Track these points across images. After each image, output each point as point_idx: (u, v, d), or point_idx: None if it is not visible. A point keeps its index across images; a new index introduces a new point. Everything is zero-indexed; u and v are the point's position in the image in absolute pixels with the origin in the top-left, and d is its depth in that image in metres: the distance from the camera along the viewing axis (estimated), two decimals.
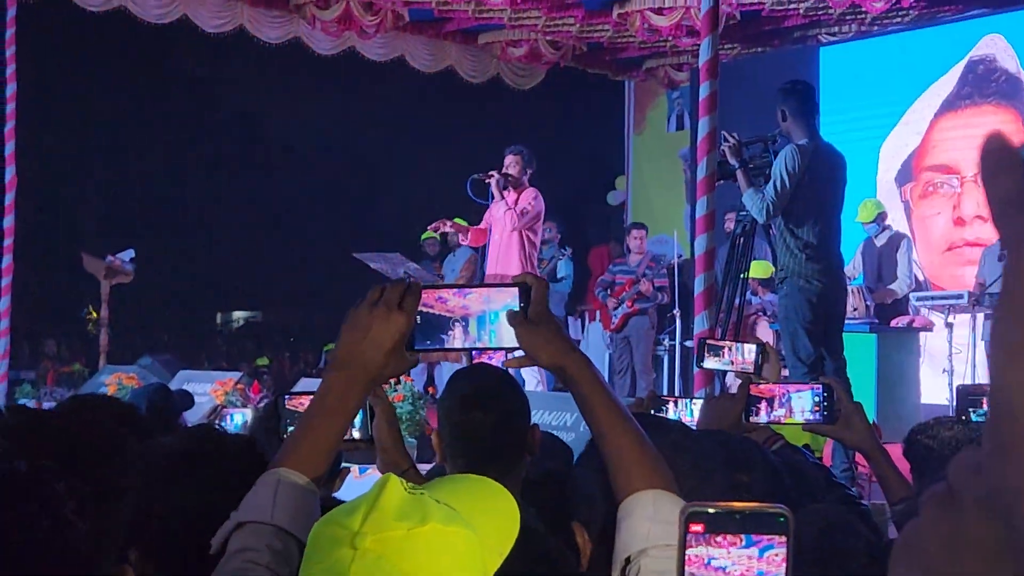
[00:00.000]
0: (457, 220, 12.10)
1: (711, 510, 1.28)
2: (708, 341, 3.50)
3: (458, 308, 1.84)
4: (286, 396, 2.85)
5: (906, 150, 12.57)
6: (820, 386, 2.83)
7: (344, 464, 3.42)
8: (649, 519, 1.65)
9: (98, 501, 1.53)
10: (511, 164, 9.63)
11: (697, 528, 1.26)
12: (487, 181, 9.57)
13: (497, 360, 8.62)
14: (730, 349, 3.41)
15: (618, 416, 1.77)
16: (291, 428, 2.85)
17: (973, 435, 3.55)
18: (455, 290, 1.86)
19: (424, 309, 1.81)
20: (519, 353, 1.85)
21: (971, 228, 11.87)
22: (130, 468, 1.90)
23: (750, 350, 3.35)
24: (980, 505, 0.67)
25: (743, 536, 1.26)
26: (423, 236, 13.03)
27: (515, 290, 1.82)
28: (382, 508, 1.32)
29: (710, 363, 3.44)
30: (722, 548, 1.26)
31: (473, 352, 5.89)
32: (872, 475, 2.85)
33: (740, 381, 3.03)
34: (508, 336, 1.83)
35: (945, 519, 0.69)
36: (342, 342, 1.81)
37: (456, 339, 1.85)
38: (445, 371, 10.81)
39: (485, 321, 1.84)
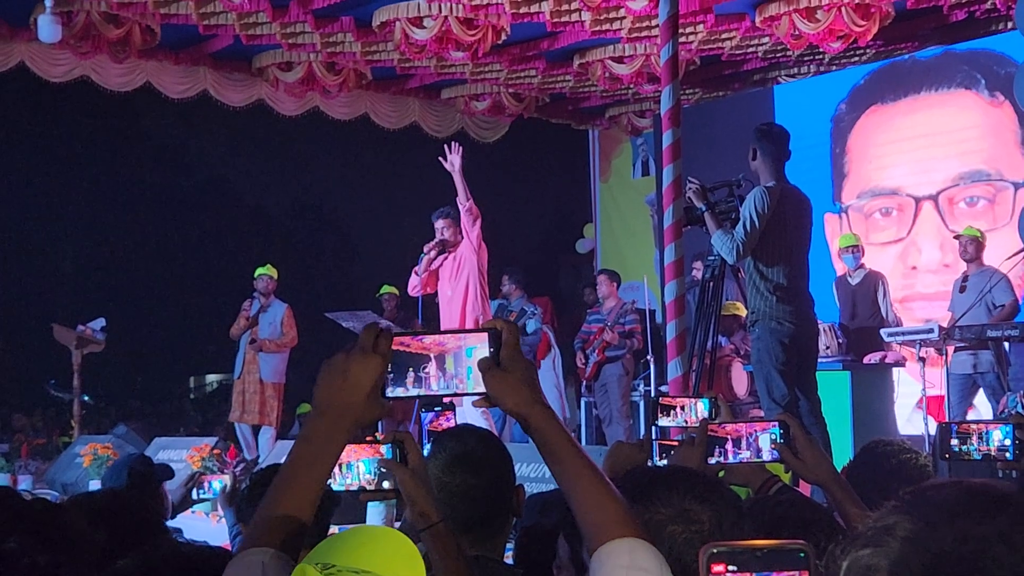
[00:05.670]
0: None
1: (732, 550, 1.27)
2: (660, 400, 3.52)
3: (434, 345, 1.85)
4: None
5: None
6: (776, 423, 2.85)
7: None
8: (625, 568, 1.63)
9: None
10: (443, 229, 9.51)
11: (719, 568, 1.26)
12: (429, 254, 9.45)
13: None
14: (683, 408, 3.42)
15: (583, 466, 1.75)
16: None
17: (915, 458, 3.63)
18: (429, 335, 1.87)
19: (401, 348, 1.82)
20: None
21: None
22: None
23: (702, 406, 3.37)
24: None
25: (765, 574, 1.27)
26: (380, 291, 12.85)
27: (485, 335, 1.82)
28: None
29: (664, 421, 3.45)
30: None
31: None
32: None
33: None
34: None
35: None
36: (321, 388, 1.78)
37: (432, 377, 1.84)
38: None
39: (462, 357, 1.83)
